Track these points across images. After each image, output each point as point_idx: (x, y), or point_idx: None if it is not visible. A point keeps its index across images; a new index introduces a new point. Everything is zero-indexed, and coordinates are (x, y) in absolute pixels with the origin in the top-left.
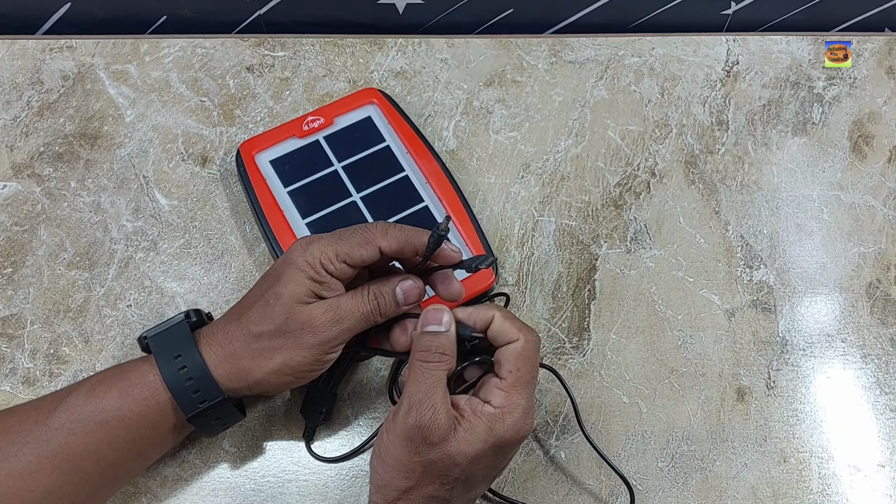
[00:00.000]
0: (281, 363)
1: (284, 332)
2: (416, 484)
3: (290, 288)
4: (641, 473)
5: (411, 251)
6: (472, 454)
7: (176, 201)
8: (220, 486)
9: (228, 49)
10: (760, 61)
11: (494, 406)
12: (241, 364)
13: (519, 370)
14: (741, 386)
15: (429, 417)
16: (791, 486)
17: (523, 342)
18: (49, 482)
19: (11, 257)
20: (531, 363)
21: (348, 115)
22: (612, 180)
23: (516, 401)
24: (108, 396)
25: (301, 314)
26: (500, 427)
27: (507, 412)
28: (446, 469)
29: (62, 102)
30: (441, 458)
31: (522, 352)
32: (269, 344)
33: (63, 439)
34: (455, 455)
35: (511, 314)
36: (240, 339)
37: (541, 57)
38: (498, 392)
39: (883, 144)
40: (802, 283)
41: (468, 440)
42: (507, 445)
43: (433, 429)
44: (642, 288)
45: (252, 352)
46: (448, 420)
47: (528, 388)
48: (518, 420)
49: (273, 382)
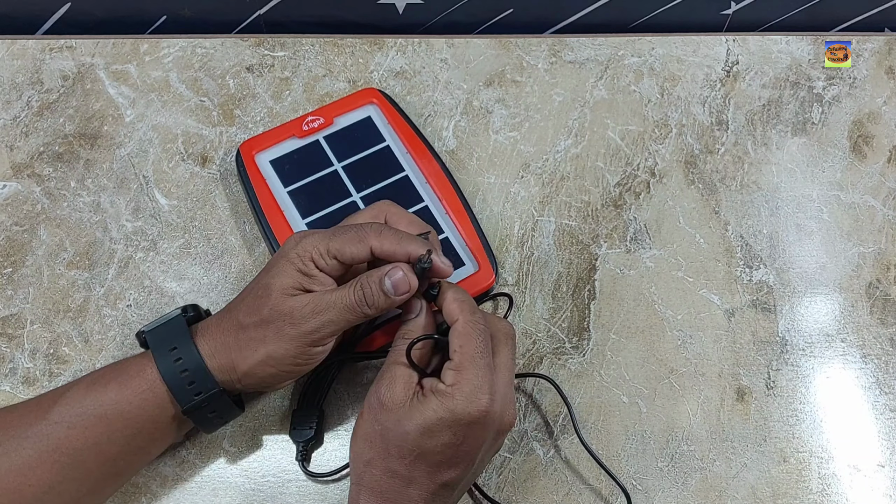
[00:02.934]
0: (265, 355)
1: (268, 323)
2: (376, 455)
3: (279, 279)
4: (641, 473)
5: (403, 255)
6: (422, 423)
7: (176, 201)
8: (220, 486)
9: (228, 49)
10: (760, 61)
11: (446, 384)
12: (231, 355)
13: (462, 347)
14: (741, 386)
15: (386, 385)
16: (791, 486)
17: (462, 321)
18: (49, 477)
19: (11, 257)
20: (473, 341)
21: (348, 114)
22: (611, 180)
23: (465, 377)
24: (106, 390)
25: (283, 305)
26: (450, 402)
27: (456, 388)
28: (399, 438)
29: (62, 102)
30: (394, 424)
31: (462, 330)
32: (255, 335)
33: (63, 433)
34: (405, 422)
35: (463, 295)
36: (230, 331)
37: (541, 57)
38: (448, 371)
39: (883, 144)
40: (802, 283)
41: (420, 410)
42: (466, 425)
43: (388, 394)
44: (642, 288)
45: (240, 343)
46: (405, 389)
47: (474, 363)
48: (469, 396)
49: (260, 375)
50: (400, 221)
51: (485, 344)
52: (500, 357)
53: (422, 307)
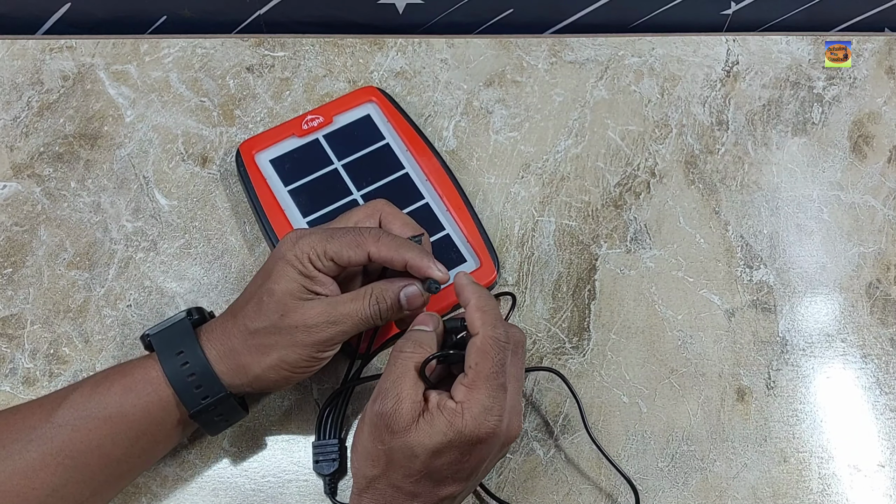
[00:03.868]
0: (278, 359)
1: (280, 330)
2: (381, 473)
3: (282, 284)
4: (641, 473)
5: (400, 263)
6: (432, 447)
7: (176, 201)
8: (220, 486)
9: (228, 49)
10: (760, 61)
11: (456, 401)
12: (241, 360)
13: (478, 365)
14: (741, 386)
15: (391, 406)
16: (791, 486)
17: (482, 336)
18: (53, 480)
19: (11, 257)
20: (490, 358)
21: (347, 113)
22: (612, 180)
23: (476, 397)
24: (111, 392)
25: (295, 313)
26: (459, 422)
27: (465, 408)
28: (407, 460)
29: (62, 102)
30: (401, 448)
31: (480, 346)
32: (266, 340)
33: (67, 436)
34: (414, 446)
35: (486, 305)
36: (238, 336)
37: (541, 57)
38: (460, 387)
39: (883, 144)
40: (802, 283)
41: (428, 432)
42: (473, 444)
43: (395, 417)
44: (642, 288)
45: (249, 348)
46: (411, 410)
47: (487, 383)
48: (478, 416)
49: (272, 378)
50: (394, 222)
51: (502, 363)
52: (512, 368)
53: (438, 322)
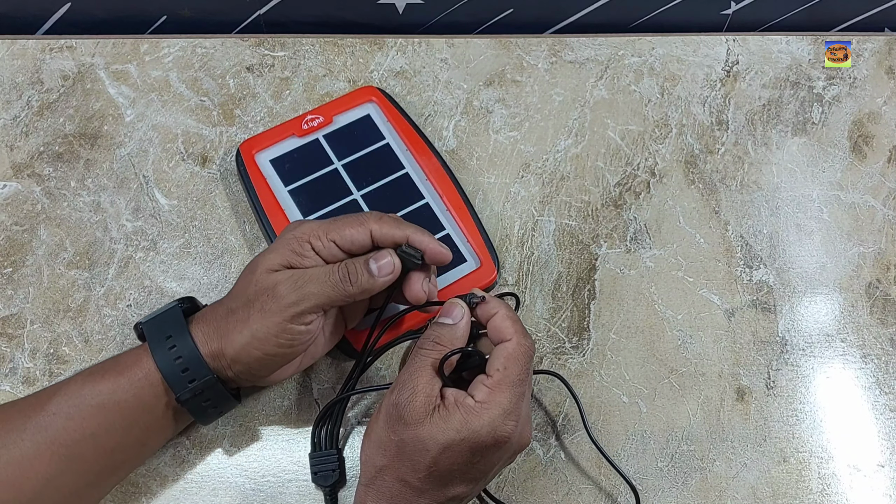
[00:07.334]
0: (249, 336)
1: (252, 302)
2: (389, 463)
3: (266, 257)
4: (641, 473)
5: (402, 238)
6: (443, 442)
7: (176, 201)
8: (220, 486)
9: (228, 49)
10: (760, 61)
11: (475, 400)
12: (222, 341)
13: (506, 369)
14: (741, 386)
15: (406, 397)
16: (791, 486)
17: (515, 343)
18: (48, 469)
19: (11, 257)
20: (520, 365)
21: (347, 113)
22: (611, 180)
23: (497, 399)
24: (104, 381)
25: (265, 280)
26: (475, 422)
27: (485, 408)
28: (417, 453)
29: (62, 102)
30: (412, 440)
31: (513, 352)
32: (241, 316)
33: (61, 424)
34: (426, 439)
35: (514, 315)
36: (221, 317)
37: (541, 57)
38: (482, 388)
39: (883, 144)
40: (802, 283)
41: (441, 427)
42: (485, 446)
43: (409, 408)
44: (642, 288)
45: (228, 326)
46: (426, 403)
47: (512, 389)
48: (496, 418)
49: (246, 360)
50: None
51: (528, 372)
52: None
53: (464, 315)
